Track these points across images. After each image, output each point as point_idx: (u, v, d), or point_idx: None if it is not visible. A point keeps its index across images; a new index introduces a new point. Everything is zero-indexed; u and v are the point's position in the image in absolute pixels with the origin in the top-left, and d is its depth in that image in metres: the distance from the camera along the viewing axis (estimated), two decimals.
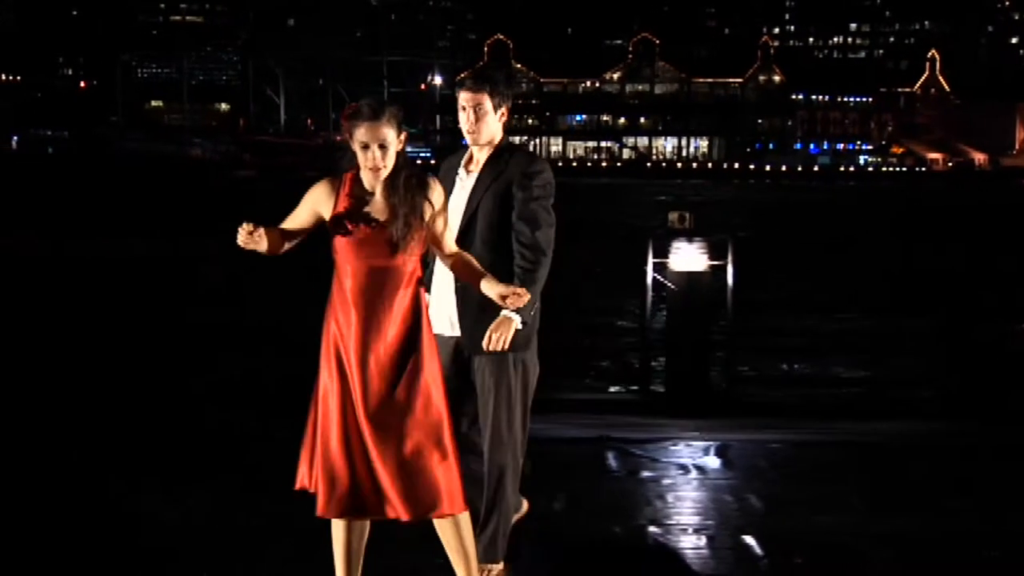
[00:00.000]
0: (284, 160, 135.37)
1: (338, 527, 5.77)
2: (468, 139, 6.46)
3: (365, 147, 5.60)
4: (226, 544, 7.17)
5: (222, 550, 7.06)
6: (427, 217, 5.70)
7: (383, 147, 5.60)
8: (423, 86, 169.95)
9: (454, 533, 5.76)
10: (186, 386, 12.83)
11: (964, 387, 14.03)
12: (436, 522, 5.73)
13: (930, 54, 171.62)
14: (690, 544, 7.21)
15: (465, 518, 5.77)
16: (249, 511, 7.77)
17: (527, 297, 5.74)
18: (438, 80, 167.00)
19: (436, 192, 5.79)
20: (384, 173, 5.63)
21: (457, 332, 6.35)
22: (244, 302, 21.59)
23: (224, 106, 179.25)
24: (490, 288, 5.76)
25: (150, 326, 18.09)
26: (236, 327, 18.32)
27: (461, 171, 6.47)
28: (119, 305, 20.72)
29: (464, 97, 6.38)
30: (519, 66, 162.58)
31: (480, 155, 6.44)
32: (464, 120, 6.38)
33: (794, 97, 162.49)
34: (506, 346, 6.05)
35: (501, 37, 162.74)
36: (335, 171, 5.72)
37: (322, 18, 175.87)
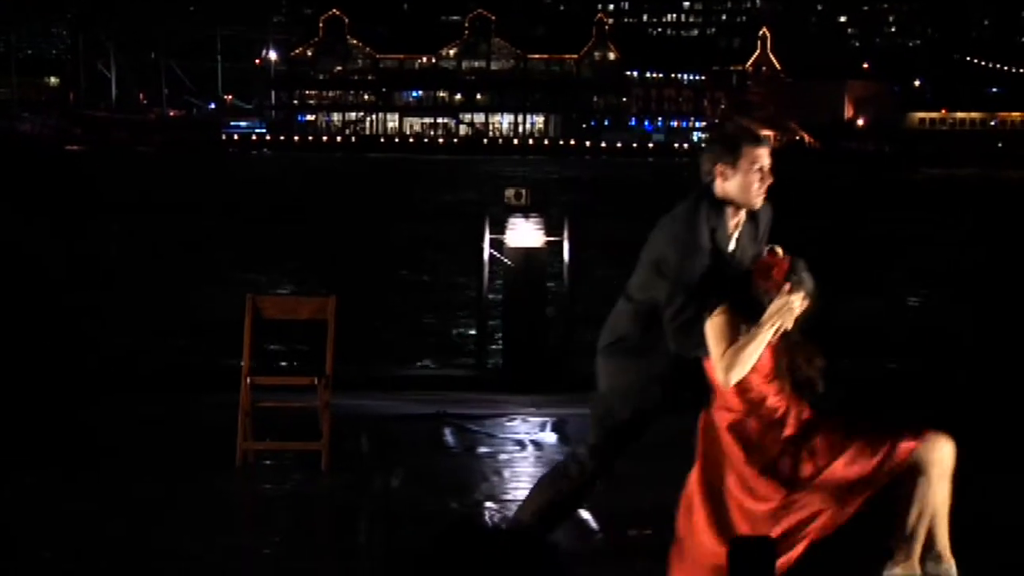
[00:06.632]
0: (116, 136, 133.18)
1: None
2: (755, 202, 5.65)
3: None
4: (62, 524, 7.05)
5: (58, 530, 6.94)
6: None
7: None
8: (258, 61, 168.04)
9: None
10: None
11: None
12: None
13: (761, 32, 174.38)
14: None
15: None
16: (84, 491, 7.65)
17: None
18: (273, 55, 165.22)
19: None
20: None
21: None
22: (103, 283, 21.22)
23: (53, 80, 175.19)
24: None
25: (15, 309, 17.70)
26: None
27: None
28: None
29: (763, 154, 5.56)
30: (355, 42, 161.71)
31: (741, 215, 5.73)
32: (756, 181, 5.57)
33: (629, 74, 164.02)
34: None
35: (336, 12, 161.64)
36: None
37: None
